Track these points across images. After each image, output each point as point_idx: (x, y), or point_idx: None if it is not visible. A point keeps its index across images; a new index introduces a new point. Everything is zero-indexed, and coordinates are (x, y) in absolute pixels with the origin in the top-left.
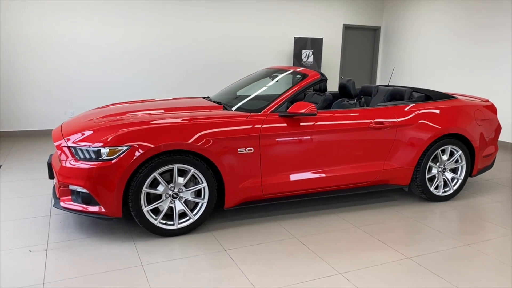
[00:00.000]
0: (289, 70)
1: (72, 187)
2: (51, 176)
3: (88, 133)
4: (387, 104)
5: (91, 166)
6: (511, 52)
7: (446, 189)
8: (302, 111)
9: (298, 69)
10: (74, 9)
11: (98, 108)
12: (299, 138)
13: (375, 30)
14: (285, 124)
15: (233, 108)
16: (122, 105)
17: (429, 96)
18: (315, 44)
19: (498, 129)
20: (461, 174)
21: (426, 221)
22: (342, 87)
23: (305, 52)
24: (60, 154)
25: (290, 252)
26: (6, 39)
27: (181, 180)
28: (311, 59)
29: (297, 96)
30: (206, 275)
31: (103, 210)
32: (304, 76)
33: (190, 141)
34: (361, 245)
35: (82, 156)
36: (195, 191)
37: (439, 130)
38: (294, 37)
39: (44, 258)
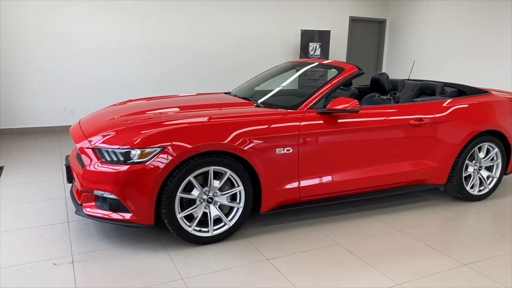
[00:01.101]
0: (313, 63)
1: (97, 192)
2: (70, 180)
3: (114, 133)
4: (424, 99)
5: (120, 170)
6: None
7: (481, 188)
8: (344, 107)
9: (325, 62)
10: (74, 1)
11: (115, 105)
12: (339, 136)
13: (381, 23)
14: (322, 122)
15: (260, 104)
16: (143, 102)
17: (462, 91)
18: (323, 37)
19: None
20: (496, 172)
21: (468, 222)
22: (375, 81)
23: (312, 45)
24: (83, 157)
25: (338, 261)
26: (3, 33)
27: (216, 184)
28: (318, 52)
29: (334, 92)
30: None
31: (133, 217)
32: (340, 70)
33: (226, 141)
34: (410, 251)
35: (109, 159)
36: (229, 195)
37: (478, 126)
38: (301, 30)
39: (71, 272)
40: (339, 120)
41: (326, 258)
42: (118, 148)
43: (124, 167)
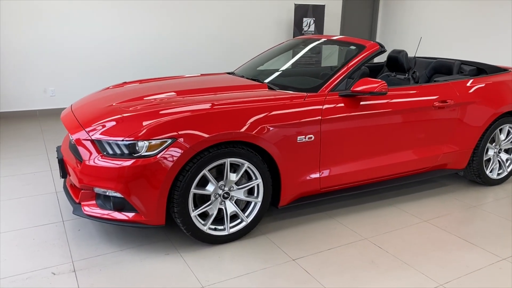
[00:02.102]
0: (322, 40)
1: (98, 190)
2: (64, 175)
3: (115, 122)
4: (447, 79)
5: (126, 165)
6: None
7: (499, 172)
8: (371, 88)
9: (336, 38)
10: None
11: (109, 88)
12: (362, 121)
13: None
14: (343, 105)
15: (275, 86)
16: (142, 85)
17: (480, 69)
18: (317, 12)
19: None
20: None
21: (494, 209)
22: (393, 59)
23: (306, 21)
24: (81, 149)
25: (370, 259)
26: None
27: (233, 177)
28: (312, 28)
29: (355, 72)
30: None
31: (142, 217)
32: (360, 47)
33: (244, 129)
34: (442, 244)
35: (111, 152)
36: (247, 189)
37: (501, 107)
38: (295, 4)
39: (74, 282)
40: (361, 103)
41: (356, 256)
42: (122, 140)
43: (130, 161)
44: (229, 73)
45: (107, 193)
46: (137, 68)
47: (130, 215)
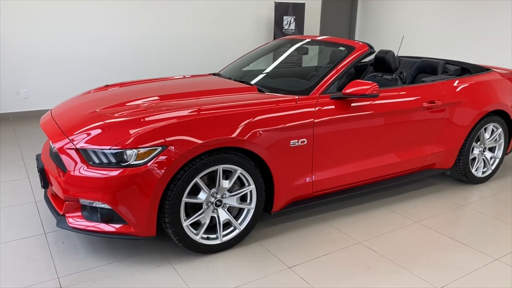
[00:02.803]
0: (309, 40)
1: (84, 201)
2: (45, 185)
3: (101, 130)
4: (434, 79)
5: (114, 174)
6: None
7: (484, 170)
8: (362, 90)
9: (321, 39)
10: None
11: (90, 92)
12: (354, 123)
13: None
14: (335, 107)
15: (264, 88)
16: (126, 89)
17: (465, 68)
18: (297, 10)
19: None
20: (499, 153)
21: (481, 208)
22: (380, 60)
23: (286, 19)
24: (65, 159)
25: (366, 263)
26: None
27: (226, 184)
28: (293, 26)
29: (346, 74)
30: None
31: (131, 228)
32: (350, 49)
33: (236, 135)
34: (436, 246)
35: (98, 161)
36: (239, 196)
37: (487, 106)
38: (275, 2)
39: None
40: (352, 105)
41: (352, 261)
42: (109, 149)
43: (119, 171)
44: (214, 74)
45: (94, 204)
46: (115, 69)
47: (119, 226)
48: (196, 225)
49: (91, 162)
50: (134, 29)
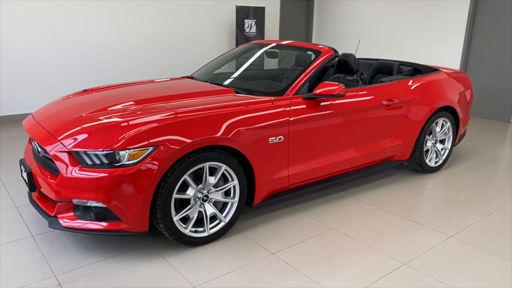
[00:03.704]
0: (275, 44)
1: (77, 201)
2: (33, 189)
3: (92, 132)
4: (391, 79)
5: (108, 174)
6: (465, 16)
7: (436, 160)
8: (331, 90)
9: (286, 43)
10: None
11: (69, 97)
12: (323, 120)
13: (309, 0)
14: (306, 107)
15: (241, 90)
16: (107, 93)
17: (417, 69)
18: (258, 14)
19: (471, 98)
20: (448, 144)
21: (435, 194)
22: (343, 62)
23: (247, 22)
24: (57, 162)
25: (341, 246)
26: None
27: (212, 180)
28: (254, 29)
29: (314, 76)
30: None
31: (125, 225)
32: (317, 53)
33: (220, 134)
34: (399, 228)
35: (90, 163)
36: (223, 190)
37: (437, 103)
38: (236, 6)
39: None
40: (321, 104)
41: (328, 244)
42: (102, 150)
43: (113, 171)
44: (188, 77)
45: (88, 204)
46: (79, 70)
47: (113, 223)
48: (184, 219)
49: (84, 164)
50: (93, 33)
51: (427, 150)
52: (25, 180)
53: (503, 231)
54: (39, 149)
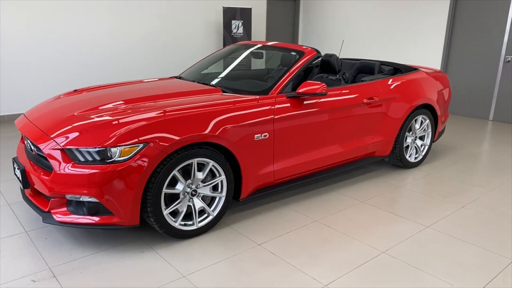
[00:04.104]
0: (261, 45)
1: (70, 196)
2: (27, 186)
3: (84, 131)
4: (372, 78)
5: (100, 170)
6: (445, 18)
7: (416, 156)
8: (314, 89)
9: (271, 44)
10: None
11: (60, 97)
12: (307, 118)
13: (295, 0)
14: (290, 105)
15: (228, 89)
16: (97, 92)
17: (397, 68)
18: (244, 14)
19: (449, 97)
20: (427, 141)
21: (415, 187)
22: (326, 62)
23: (235, 23)
24: (49, 158)
25: (323, 237)
26: None
27: (200, 176)
28: (241, 30)
29: (298, 75)
30: (261, 276)
31: (117, 219)
32: (300, 53)
33: (208, 131)
34: (379, 220)
35: (83, 160)
36: (211, 185)
37: (416, 101)
38: (223, 7)
39: (58, 286)
40: (305, 102)
41: (311, 236)
42: (94, 147)
43: (104, 167)
44: (176, 77)
45: (81, 199)
46: (70, 71)
47: (105, 217)
48: (174, 213)
49: (76, 161)
50: (83, 35)
51: (407, 146)
52: (18, 178)
53: (476, 221)
54: (32, 147)
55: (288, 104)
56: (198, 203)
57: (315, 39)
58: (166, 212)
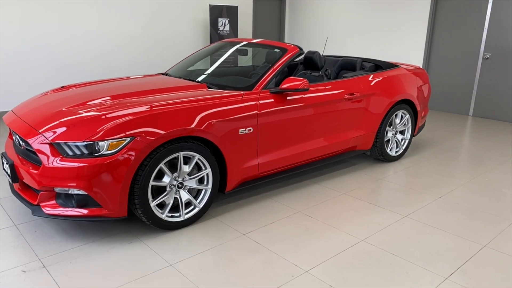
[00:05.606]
0: (246, 42)
1: (59, 189)
2: (16, 180)
3: (72, 125)
4: (353, 75)
5: (88, 164)
6: (426, 16)
7: (397, 150)
8: (296, 85)
9: (256, 41)
10: None
11: (48, 93)
12: (290, 113)
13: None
14: (274, 100)
15: (213, 85)
16: (85, 88)
17: (377, 65)
18: (231, 13)
19: (429, 93)
20: (408, 135)
21: (395, 180)
22: (308, 59)
23: (221, 21)
24: (38, 153)
25: (305, 226)
26: None
27: (186, 169)
28: (227, 27)
29: (281, 72)
30: (245, 263)
31: (105, 211)
32: (283, 50)
33: (194, 126)
34: (359, 210)
35: (71, 153)
36: (197, 178)
37: (395, 97)
38: (210, 5)
39: (48, 276)
40: (288, 98)
41: (294, 225)
42: (82, 141)
43: (92, 161)
44: (162, 74)
45: (69, 192)
46: (57, 69)
47: (93, 210)
48: (161, 205)
49: (65, 155)
50: (70, 33)
51: (388, 140)
52: (7, 172)
53: (452, 211)
54: (21, 142)
55: (272, 100)
56: (185, 196)
57: (301, 37)
58: (153, 204)
